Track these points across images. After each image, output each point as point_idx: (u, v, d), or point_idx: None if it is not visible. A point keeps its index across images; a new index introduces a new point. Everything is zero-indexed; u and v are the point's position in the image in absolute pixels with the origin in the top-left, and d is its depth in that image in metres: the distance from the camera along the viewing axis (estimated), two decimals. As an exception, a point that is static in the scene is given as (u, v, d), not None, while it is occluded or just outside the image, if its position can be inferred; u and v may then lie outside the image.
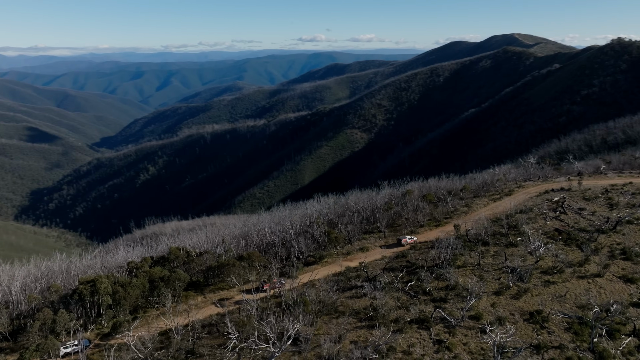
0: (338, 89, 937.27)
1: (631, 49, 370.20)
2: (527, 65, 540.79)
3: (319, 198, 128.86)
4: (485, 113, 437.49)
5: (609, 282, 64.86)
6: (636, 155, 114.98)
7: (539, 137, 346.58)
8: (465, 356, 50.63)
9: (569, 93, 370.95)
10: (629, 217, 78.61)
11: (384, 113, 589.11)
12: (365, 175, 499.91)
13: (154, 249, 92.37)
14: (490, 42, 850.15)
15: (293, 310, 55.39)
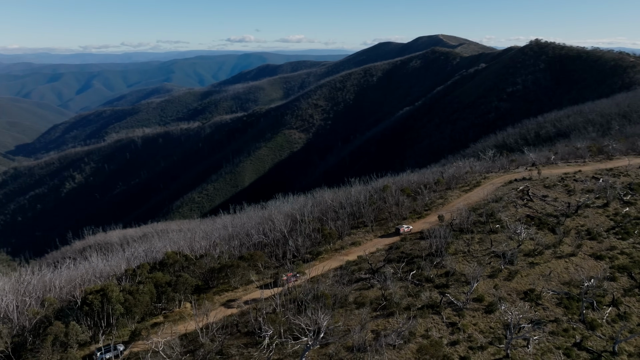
0: (271, 89, 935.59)
1: (547, 50, 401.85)
2: (455, 64, 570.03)
3: (290, 197, 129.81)
4: (420, 111, 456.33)
5: (582, 260, 71.64)
6: (577, 146, 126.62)
7: (471, 133, 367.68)
8: (477, 335, 54.29)
9: (495, 91, 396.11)
10: (588, 202, 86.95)
11: (321, 113, 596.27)
12: (307, 175, 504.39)
13: (129, 256, 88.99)
14: (417, 42, 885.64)
15: (309, 305, 56.50)
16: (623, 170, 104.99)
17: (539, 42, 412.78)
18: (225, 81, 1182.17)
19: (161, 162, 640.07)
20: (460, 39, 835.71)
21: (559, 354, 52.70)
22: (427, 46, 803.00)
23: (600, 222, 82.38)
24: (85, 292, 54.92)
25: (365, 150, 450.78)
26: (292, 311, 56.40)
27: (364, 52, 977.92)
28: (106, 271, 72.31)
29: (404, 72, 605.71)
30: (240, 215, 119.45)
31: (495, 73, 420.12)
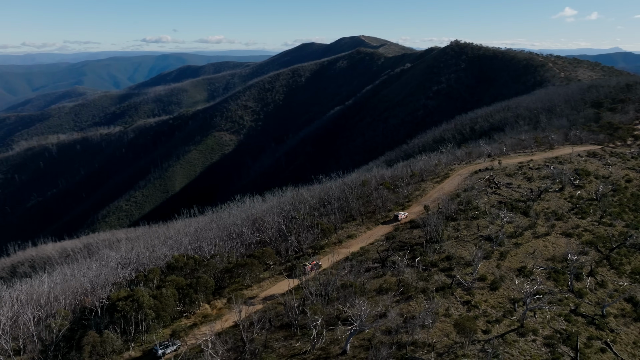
0: (195, 91, 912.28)
1: (467, 50, 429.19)
2: (380, 64, 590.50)
3: (255, 198, 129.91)
4: (351, 110, 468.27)
5: (556, 238, 79.91)
6: (522, 138, 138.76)
7: (402, 130, 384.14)
8: (490, 310, 59.42)
9: (422, 89, 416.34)
10: (548, 187, 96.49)
11: (251, 114, 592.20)
12: (241, 177, 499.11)
13: (112, 265, 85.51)
14: (340, 43, 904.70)
15: (333, 295, 58.79)
16: (567, 158, 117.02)
17: (459, 43, 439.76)
18: (144, 83, 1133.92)
19: (81, 170, 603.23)
20: (381, 40, 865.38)
21: (561, 321, 59.18)
22: (350, 47, 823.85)
23: (561, 205, 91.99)
24: (111, 299, 53.07)
25: (300, 150, 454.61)
26: (320, 301, 58.42)
27: (288, 53, 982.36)
28: (103, 279, 69.41)
29: (332, 72, 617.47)
30: (216, 216, 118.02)
31: (421, 72, 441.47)
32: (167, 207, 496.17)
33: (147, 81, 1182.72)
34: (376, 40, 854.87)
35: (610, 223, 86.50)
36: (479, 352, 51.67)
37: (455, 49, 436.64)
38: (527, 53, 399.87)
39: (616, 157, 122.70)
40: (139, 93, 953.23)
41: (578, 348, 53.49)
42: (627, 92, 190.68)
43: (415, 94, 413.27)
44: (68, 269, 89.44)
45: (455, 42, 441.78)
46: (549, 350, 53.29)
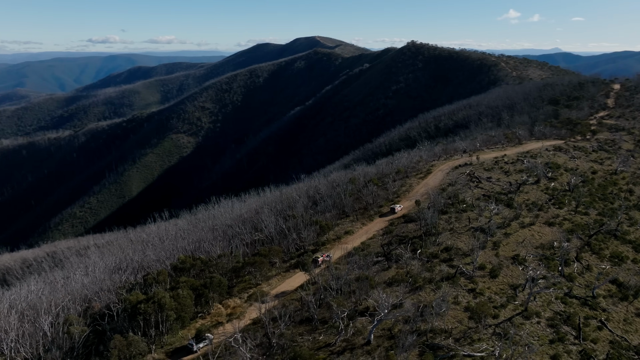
0: (148, 93, 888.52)
1: (423, 50, 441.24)
2: (337, 65, 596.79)
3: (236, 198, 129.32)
4: (312, 110, 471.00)
5: (540, 227, 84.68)
6: (492, 134, 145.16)
7: (364, 129, 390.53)
8: (495, 296, 62.66)
9: (381, 89, 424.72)
10: (526, 180, 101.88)
11: (209, 115, 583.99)
12: (201, 179, 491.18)
13: (102, 270, 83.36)
14: (296, 44, 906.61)
15: (346, 288, 60.37)
16: (537, 152, 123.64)
17: (415, 43, 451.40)
18: (93, 85, 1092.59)
19: (28, 177, 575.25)
20: (336, 40, 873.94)
21: (558, 303, 63.17)
22: (305, 47, 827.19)
23: (539, 196, 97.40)
24: (131, 302, 52.26)
25: (262, 151, 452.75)
26: (338, 294, 59.85)
27: (243, 54, 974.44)
28: (104, 284, 67.81)
29: (290, 73, 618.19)
30: (196, 218, 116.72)
31: (380, 72, 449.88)
32: (124, 212, 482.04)
33: (95, 83, 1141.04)
34: (331, 41, 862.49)
35: (585, 212, 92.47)
36: (491, 336, 54.64)
37: (412, 49, 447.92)
38: (480, 53, 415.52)
39: (579, 150, 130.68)
40: (88, 95, 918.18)
41: (580, 327, 57.41)
42: (580, 90, 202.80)
43: (375, 94, 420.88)
44: (52, 276, 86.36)
45: (412, 42, 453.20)
46: (554, 331, 56.96)
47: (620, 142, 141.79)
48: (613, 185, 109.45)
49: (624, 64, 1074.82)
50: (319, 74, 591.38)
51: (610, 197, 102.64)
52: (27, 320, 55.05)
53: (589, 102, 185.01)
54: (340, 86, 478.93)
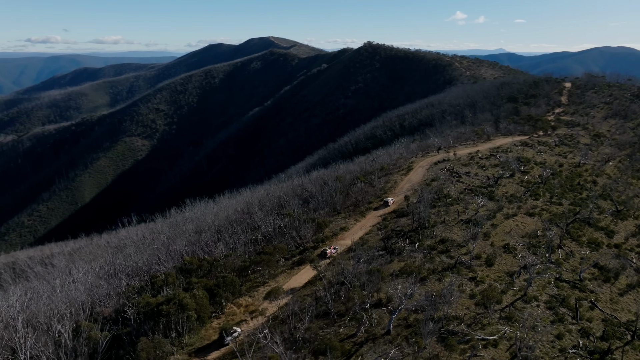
0: (96, 95, 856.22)
1: (380, 51, 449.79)
2: (294, 65, 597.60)
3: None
4: (271, 111, 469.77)
5: (522, 218, 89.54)
6: (462, 131, 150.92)
7: (325, 129, 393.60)
8: (494, 283, 66.16)
9: (340, 89, 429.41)
10: (502, 174, 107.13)
11: (164, 117, 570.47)
12: (159, 183, 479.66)
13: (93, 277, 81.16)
14: (250, 44, 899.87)
15: (356, 281, 62.11)
16: (507, 147, 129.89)
17: (372, 44, 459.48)
18: (35, 87, 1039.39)
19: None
20: (290, 41, 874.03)
21: (551, 287, 67.44)
22: (259, 47, 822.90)
23: (516, 189, 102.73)
24: (150, 304, 51.67)
25: (222, 152, 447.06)
26: (347, 288, 61.41)
27: (196, 54, 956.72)
28: (106, 289, 66.30)
29: (246, 73, 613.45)
30: (177, 220, 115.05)
31: (338, 72, 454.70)
32: (78, 219, 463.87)
33: (38, 85, 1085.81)
34: (286, 42, 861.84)
35: (559, 202, 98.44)
36: (499, 320, 57.88)
37: (369, 49, 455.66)
38: (434, 54, 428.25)
39: (543, 145, 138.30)
40: (30, 98, 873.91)
41: (577, 308, 61.68)
42: (536, 88, 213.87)
43: (334, 94, 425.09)
44: (40, 284, 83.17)
45: (369, 43, 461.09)
46: (553, 313, 60.90)
47: (577, 137, 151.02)
48: (579, 177, 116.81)
49: (562, 63, 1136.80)
50: (276, 75, 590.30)
51: (577, 188, 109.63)
52: (37, 329, 53.26)
53: (545, 99, 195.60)
54: (299, 86, 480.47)
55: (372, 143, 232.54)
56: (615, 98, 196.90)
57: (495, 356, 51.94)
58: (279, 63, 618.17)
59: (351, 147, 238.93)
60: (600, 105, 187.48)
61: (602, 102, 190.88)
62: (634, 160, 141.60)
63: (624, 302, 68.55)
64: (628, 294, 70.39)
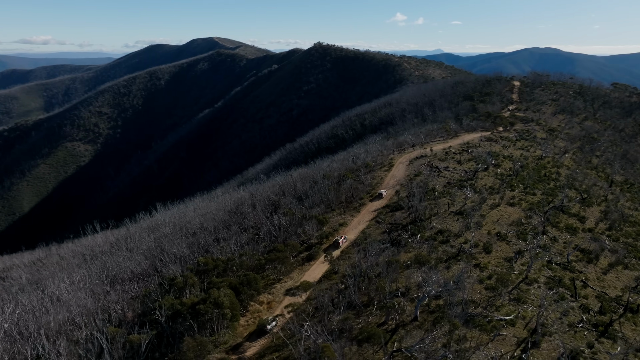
0: (28, 99, 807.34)
1: (330, 51, 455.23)
2: (242, 66, 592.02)
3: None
4: (223, 112, 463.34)
5: (505, 207, 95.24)
6: (431, 128, 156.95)
7: (279, 129, 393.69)
8: (497, 268, 70.59)
9: (293, 90, 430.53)
10: (479, 168, 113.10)
11: (107, 121, 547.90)
12: (104, 189, 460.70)
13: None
14: (193, 44, 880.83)
15: (372, 272, 64.54)
16: (475, 143, 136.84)
17: (322, 44, 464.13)
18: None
19: None
20: (235, 42, 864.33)
21: (546, 270, 72.76)
22: (204, 48, 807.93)
23: (493, 181, 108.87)
24: (185, 305, 51.33)
25: (173, 155, 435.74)
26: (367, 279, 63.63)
27: (136, 55, 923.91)
28: (105, 297, 64.61)
29: (193, 75, 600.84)
30: (148, 225, 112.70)
31: (290, 73, 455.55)
32: (16, 230, 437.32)
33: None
34: (231, 42, 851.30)
35: (533, 192, 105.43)
36: (509, 301, 62.09)
37: (319, 50, 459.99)
38: (384, 54, 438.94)
39: (506, 140, 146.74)
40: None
41: (575, 287, 67.15)
42: (489, 86, 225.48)
43: (287, 94, 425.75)
44: (34, 297, 79.40)
45: (319, 44, 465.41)
46: (554, 292, 65.96)
47: (534, 132, 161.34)
48: (543, 168, 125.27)
49: (497, 63, 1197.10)
50: (224, 75, 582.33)
51: (545, 179, 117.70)
52: (58, 339, 51.52)
53: (499, 97, 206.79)
54: (250, 87, 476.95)
55: (334, 142, 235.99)
56: (560, 95, 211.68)
57: (515, 334, 55.85)
58: (226, 64, 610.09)
59: (314, 147, 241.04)
60: (548, 102, 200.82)
61: (549, 99, 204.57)
62: (585, 152, 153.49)
63: (608, 279, 75.10)
64: (610, 272, 77.11)
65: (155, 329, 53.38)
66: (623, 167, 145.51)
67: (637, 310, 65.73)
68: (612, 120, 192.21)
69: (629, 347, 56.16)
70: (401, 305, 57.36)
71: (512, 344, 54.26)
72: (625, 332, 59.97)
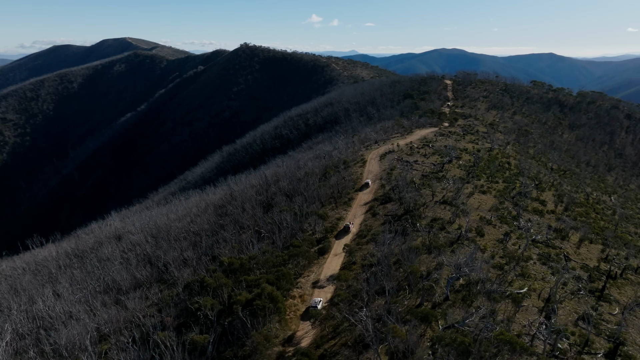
0: None
1: (258, 52, 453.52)
2: (163, 68, 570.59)
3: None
4: (147, 115, 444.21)
5: (479, 195, 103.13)
6: (386, 125, 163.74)
7: (211, 132, 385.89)
8: (493, 248, 77.20)
9: (222, 91, 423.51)
10: (445, 161, 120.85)
11: (14, 128, 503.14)
12: (14, 202, 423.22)
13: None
14: (104, 45, 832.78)
15: (386, 260, 68.31)
16: (430, 138, 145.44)
17: (249, 45, 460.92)
18: None
19: None
20: (150, 42, 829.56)
21: (533, 248, 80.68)
22: (116, 49, 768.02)
23: (459, 172, 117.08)
24: (240, 302, 51.39)
25: (96, 162, 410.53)
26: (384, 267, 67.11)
27: (39, 57, 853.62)
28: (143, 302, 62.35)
29: (109, 77, 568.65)
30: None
31: (217, 74, 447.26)
32: None
33: None
34: (145, 43, 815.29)
35: (496, 181, 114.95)
36: (516, 277, 68.63)
37: (247, 51, 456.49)
38: (311, 55, 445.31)
39: (455, 134, 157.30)
40: None
41: (567, 261, 75.33)
42: (425, 85, 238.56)
43: (217, 96, 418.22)
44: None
45: (245, 44, 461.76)
46: (548, 266, 73.68)
47: (475, 126, 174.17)
48: (496, 159, 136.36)
49: (409, 63, 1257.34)
50: (144, 78, 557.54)
51: (501, 168, 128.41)
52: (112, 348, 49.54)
53: (436, 95, 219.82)
54: (176, 89, 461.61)
55: (280, 142, 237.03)
56: (490, 92, 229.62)
57: (534, 304, 62.12)
58: (145, 65, 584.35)
59: (259, 148, 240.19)
60: (481, 99, 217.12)
61: (481, 96, 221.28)
62: (521, 143, 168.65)
63: (582, 253, 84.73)
64: (582, 247, 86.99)
65: (208, 328, 52.83)
66: (555, 156, 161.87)
67: (615, 276, 75.24)
68: (536, 115, 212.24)
69: (624, 308, 64.70)
70: (433, 287, 61.39)
71: (535, 312, 60.41)
72: (614, 295, 68.76)
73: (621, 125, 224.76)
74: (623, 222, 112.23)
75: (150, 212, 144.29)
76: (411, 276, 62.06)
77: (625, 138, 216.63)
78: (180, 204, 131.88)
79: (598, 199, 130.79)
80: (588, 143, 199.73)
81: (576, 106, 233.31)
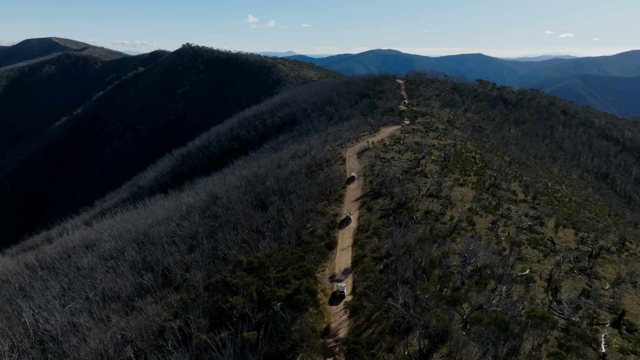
0: None
1: (202, 53, 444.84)
2: (98, 69, 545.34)
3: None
4: (85, 119, 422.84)
5: (459, 188, 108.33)
6: (352, 124, 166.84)
7: (157, 135, 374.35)
8: (487, 236, 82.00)
9: (166, 93, 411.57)
10: (420, 156, 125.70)
11: None
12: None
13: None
14: (27, 46, 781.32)
15: (398, 250, 71.07)
16: (398, 135, 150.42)
17: (191, 46, 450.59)
18: None
19: None
20: (79, 43, 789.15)
21: (520, 234, 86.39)
22: (41, 50, 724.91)
23: (434, 167, 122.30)
24: (280, 298, 51.79)
25: (31, 171, 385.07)
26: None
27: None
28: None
29: (38, 80, 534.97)
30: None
31: (160, 76, 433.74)
32: None
33: None
34: (74, 43, 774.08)
35: (469, 174, 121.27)
36: (515, 260, 73.59)
37: (190, 52, 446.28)
38: (257, 56, 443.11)
39: (419, 132, 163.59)
40: None
41: (554, 244, 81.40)
42: (379, 84, 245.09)
43: (161, 98, 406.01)
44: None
45: (187, 45, 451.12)
46: (539, 250, 79.39)
47: (434, 123, 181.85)
48: (461, 154, 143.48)
49: (347, 64, 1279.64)
50: (77, 80, 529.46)
51: (468, 162, 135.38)
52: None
53: (392, 94, 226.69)
54: (115, 92, 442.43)
55: (238, 144, 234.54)
56: (441, 91, 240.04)
57: (539, 284, 67.01)
58: (78, 67, 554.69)
59: (216, 150, 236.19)
60: (433, 97, 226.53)
61: (434, 95, 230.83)
62: (477, 139, 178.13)
63: (562, 236, 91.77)
64: (560, 231, 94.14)
65: (240, 326, 52.65)
66: (512, 150, 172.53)
67: (595, 256, 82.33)
68: (485, 112, 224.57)
69: (612, 283, 71.28)
70: (454, 274, 64.65)
71: (541, 291, 65.25)
72: (601, 273, 75.41)
73: (559, 120, 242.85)
74: (580, 209, 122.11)
75: (116, 219, 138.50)
76: (429, 265, 64.85)
77: (563, 132, 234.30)
78: (156, 208, 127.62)
79: (554, 188, 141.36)
80: (533, 137, 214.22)
81: (518, 103, 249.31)
